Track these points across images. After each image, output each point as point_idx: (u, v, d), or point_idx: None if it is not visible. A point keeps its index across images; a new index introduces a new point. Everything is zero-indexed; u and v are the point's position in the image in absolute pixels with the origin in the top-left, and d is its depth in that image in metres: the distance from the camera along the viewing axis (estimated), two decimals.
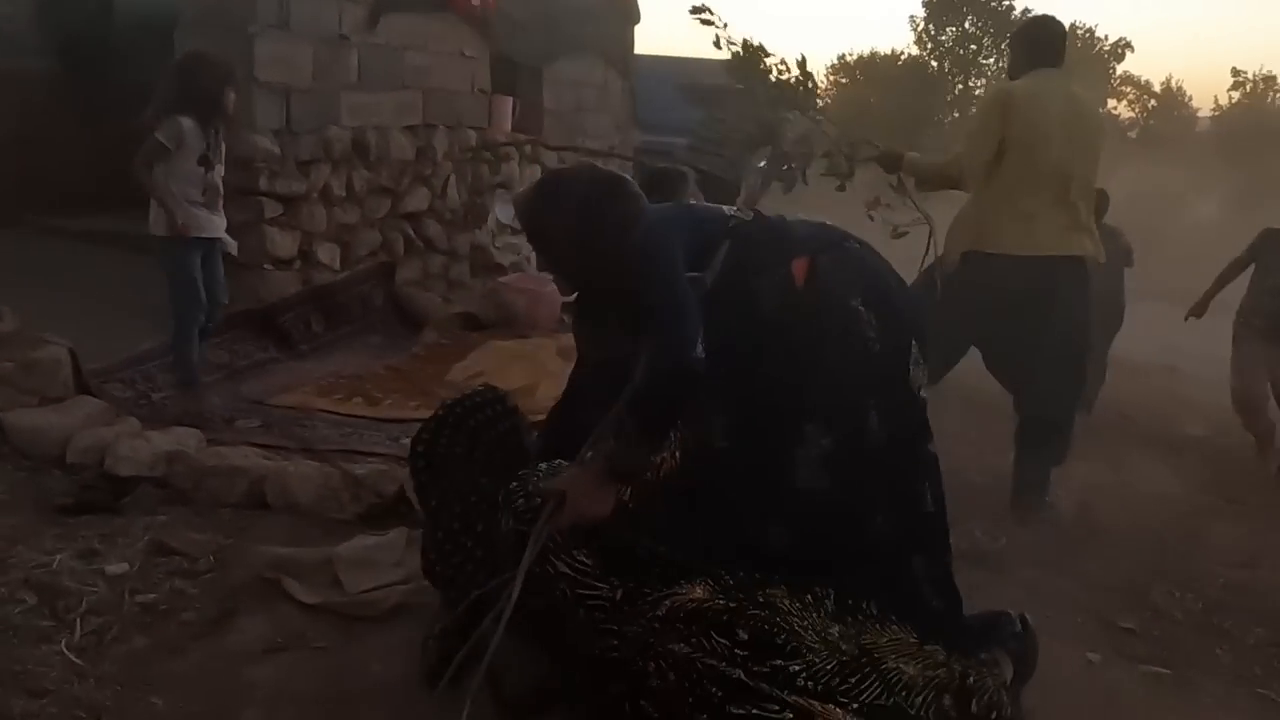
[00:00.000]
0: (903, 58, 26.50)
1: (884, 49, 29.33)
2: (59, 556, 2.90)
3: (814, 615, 2.02)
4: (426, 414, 4.34)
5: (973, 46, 23.82)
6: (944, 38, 23.92)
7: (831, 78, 27.76)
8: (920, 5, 24.14)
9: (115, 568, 2.87)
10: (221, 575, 2.88)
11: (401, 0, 5.93)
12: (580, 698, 2.18)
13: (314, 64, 5.33)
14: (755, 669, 1.91)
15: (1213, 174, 26.83)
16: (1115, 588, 3.34)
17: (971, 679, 2.02)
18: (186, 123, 3.82)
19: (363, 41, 5.69)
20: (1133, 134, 29.16)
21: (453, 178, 6.77)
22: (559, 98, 8.41)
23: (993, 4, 23.44)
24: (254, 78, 4.91)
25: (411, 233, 6.42)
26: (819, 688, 1.91)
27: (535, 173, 7.89)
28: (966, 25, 23.65)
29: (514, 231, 7.40)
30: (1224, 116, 27.82)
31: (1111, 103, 28.80)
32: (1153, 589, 3.35)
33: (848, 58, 28.13)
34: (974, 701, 2.00)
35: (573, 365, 2.71)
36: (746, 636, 1.94)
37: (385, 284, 6.13)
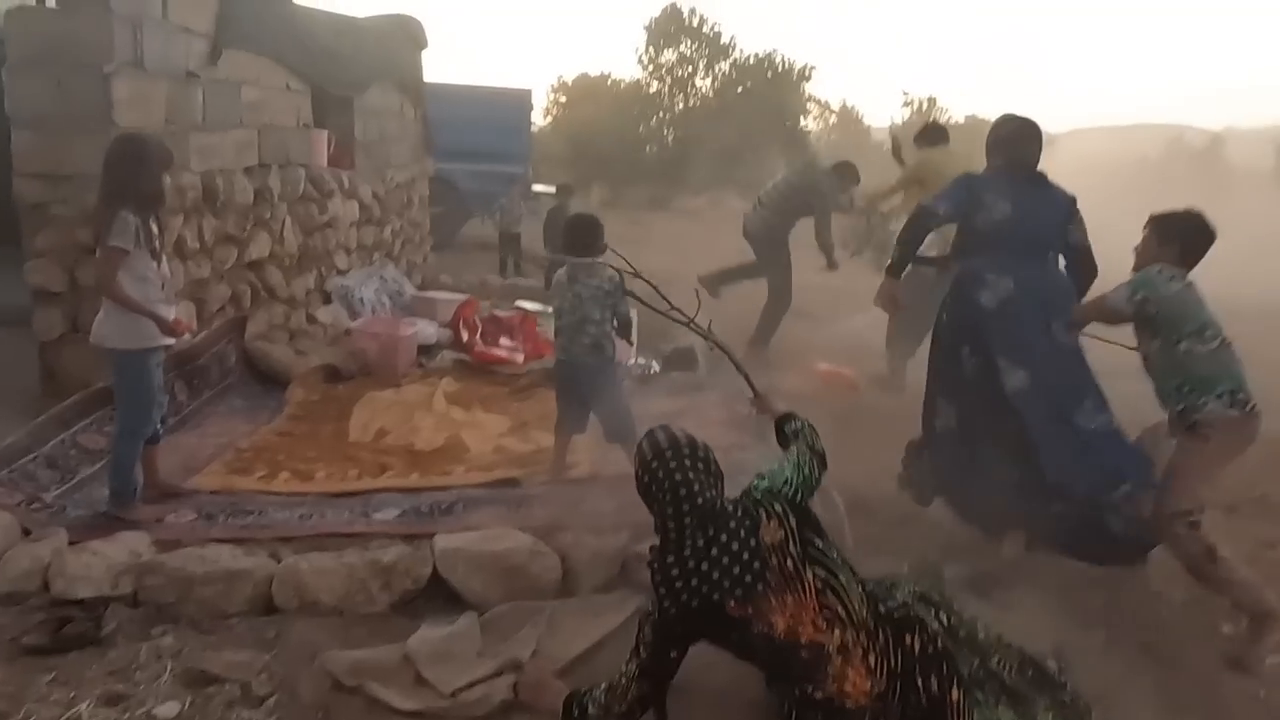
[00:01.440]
0: (611, 79, 27.68)
1: (597, 71, 30.18)
2: (81, 708, 2.48)
3: None
4: (372, 483, 4.15)
5: (689, 69, 25.27)
6: (663, 60, 25.20)
7: (552, 96, 28.37)
8: (642, 29, 25.28)
9: (164, 709, 2.49)
10: (291, 696, 2.59)
11: (240, 33, 5.44)
12: None
13: (166, 104, 4.77)
14: None
15: (889, 180, 30.44)
16: None
17: None
18: (132, 217, 3.35)
19: (207, 79, 5.16)
20: (819, 146, 32.34)
21: (289, 220, 6.29)
22: (366, 128, 8.04)
23: (704, 30, 25.03)
24: (112, 121, 4.32)
25: (257, 282, 5.89)
26: None
27: (353, 209, 7.51)
28: (683, 49, 25.04)
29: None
30: (896, 132, 31.63)
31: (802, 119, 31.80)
32: None
33: (565, 79, 28.94)
34: None
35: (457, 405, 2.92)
36: None
37: (237, 340, 5.59)
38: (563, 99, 28.32)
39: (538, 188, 13.54)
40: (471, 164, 11.88)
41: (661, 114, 25.98)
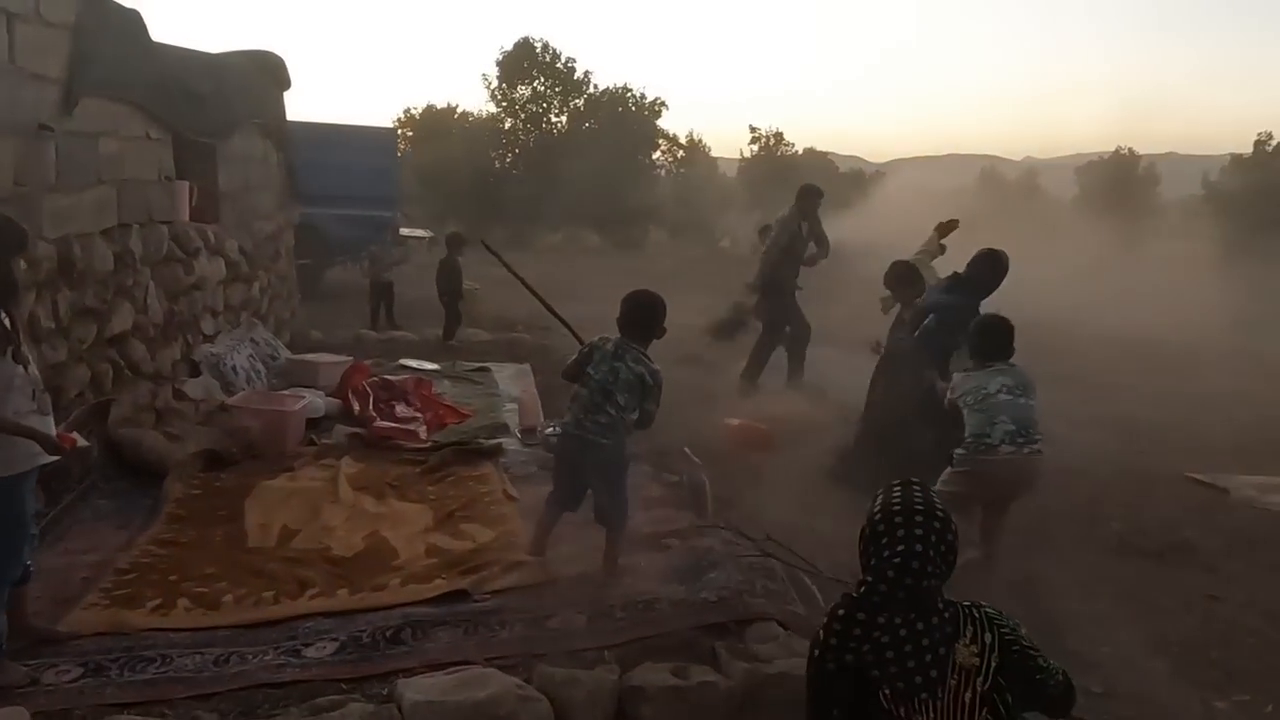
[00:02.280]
0: (459, 110, 27.11)
1: (442, 103, 29.57)
2: None
3: None
4: (294, 608, 3.54)
5: (543, 104, 25.03)
6: (516, 96, 24.85)
7: (399, 131, 27.49)
8: (494, 65, 24.86)
9: None
10: None
11: (97, 78, 4.73)
12: None
13: (15, 163, 4.05)
14: None
15: (738, 206, 31.23)
16: None
17: None
18: None
19: (61, 131, 4.44)
20: (668, 179, 32.73)
21: (152, 285, 5.55)
22: (229, 177, 7.31)
23: (558, 65, 24.89)
24: None
25: (119, 359, 5.14)
26: None
27: (220, 267, 6.78)
28: (537, 85, 24.79)
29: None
30: (746, 165, 32.40)
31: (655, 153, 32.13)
32: None
33: (414, 111, 28.10)
34: None
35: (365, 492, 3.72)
36: None
37: (99, 429, 4.83)
38: (409, 133, 27.53)
39: (406, 231, 12.88)
40: (336, 209, 11.15)
41: (517, 150, 25.62)
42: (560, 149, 24.55)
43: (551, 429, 5.92)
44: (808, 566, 3.81)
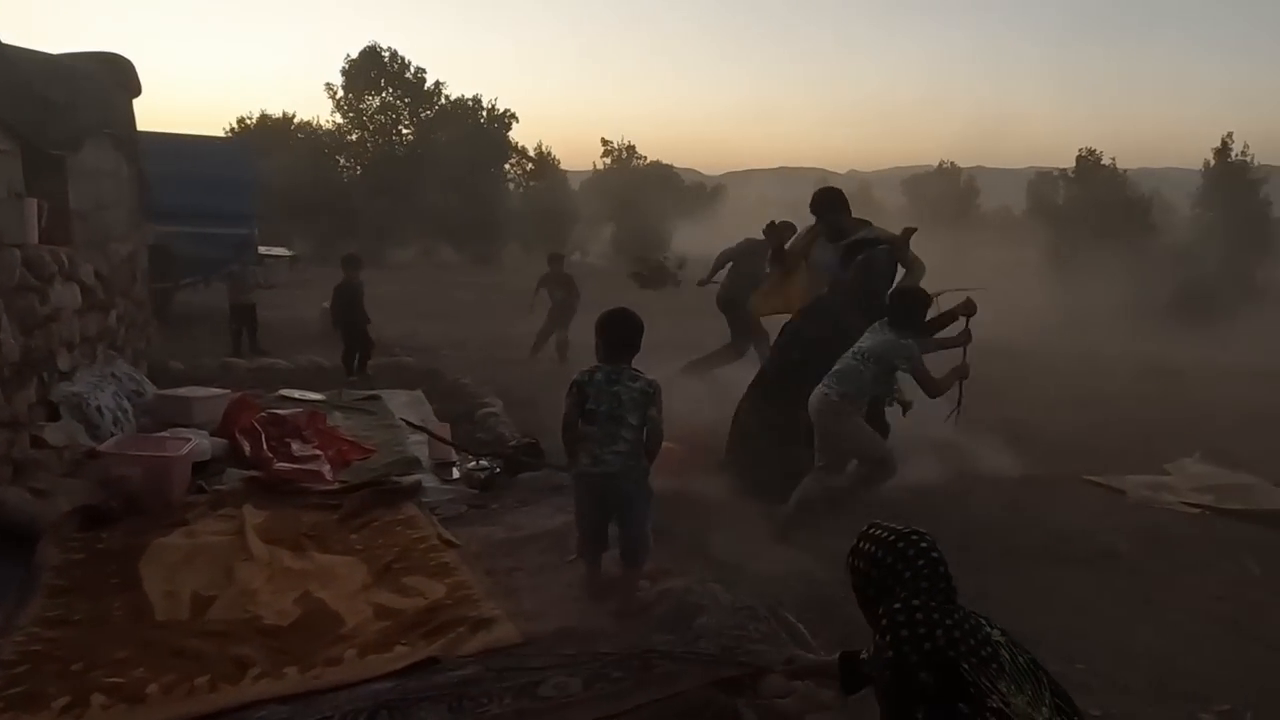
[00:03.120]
0: (297, 119, 25.82)
1: (278, 112, 28.04)
2: None
3: None
4: (237, 695, 3.03)
5: (392, 115, 24.13)
6: (364, 106, 23.82)
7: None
8: (338, 74, 23.72)
9: None
10: None
11: None
12: None
13: None
14: None
15: (602, 218, 31.26)
16: None
17: None
18: None
19: None
20: (518, 192, 32.37)
21: (4, 318, 4.82)
22: (81, 193, 6.52)
23: (407, 75, 24.05)
24: None
25: None
26: None
27: (75, 294, 6.02)
28: (386, 96, 23.86)
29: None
30: (598, 176, 32.41)
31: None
32: None
33: (249, 120, 26.51)
34: None
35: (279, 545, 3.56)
36: None
37: None
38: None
39: (264, 250, 12.00)
40: (189, 226, 10.24)
41: (365, 163, 24.58)
42: (411, 162, 23.72)
43: (477, 463, 5.53)
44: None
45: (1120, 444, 8.05)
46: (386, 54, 23.40)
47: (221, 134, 25.11)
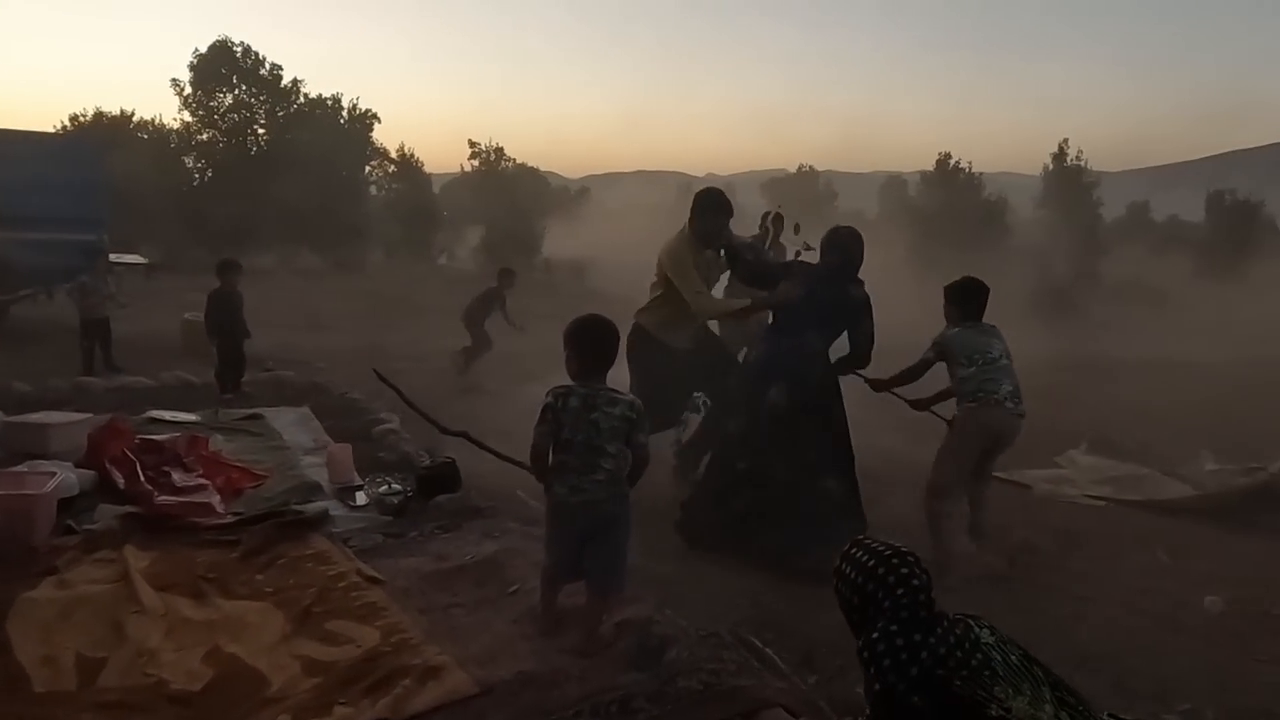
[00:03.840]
0: (136, 118, 24.16)
1: (115, 110, 25.96)
2: None
3: None
4: None
5: (246, 113, 22.81)
6: (215, 104, 22.42)
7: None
8: (186, 69, 22.20)
9: None
10: None
11: None
12: None
13: None
14: None
15: (468, 221, 30.57)
16: None
17: None
18: None
19: None
20: (380, 195, 31.30)
21: None
22: None
23: (263, 73, 22.79)
24: None
25: None
26: None
27: None
28: (239, 93, 22.54)
29: None
30: (464, 178, 31.69)
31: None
32: None
33: (82, 117, 24.52)
34: None
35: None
36: None
37: None
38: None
39: (115, 258, 11.00)
40: (27, 232, 9.25)
41: (217, 164, 23.16)
42: (267, 163, 22.50)
43: (388, 487, 5.11)
44: None
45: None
46: (239, 49, 22.08)
47: (55, 129, 23.17)
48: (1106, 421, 9.23)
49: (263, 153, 22.79)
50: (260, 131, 23.11)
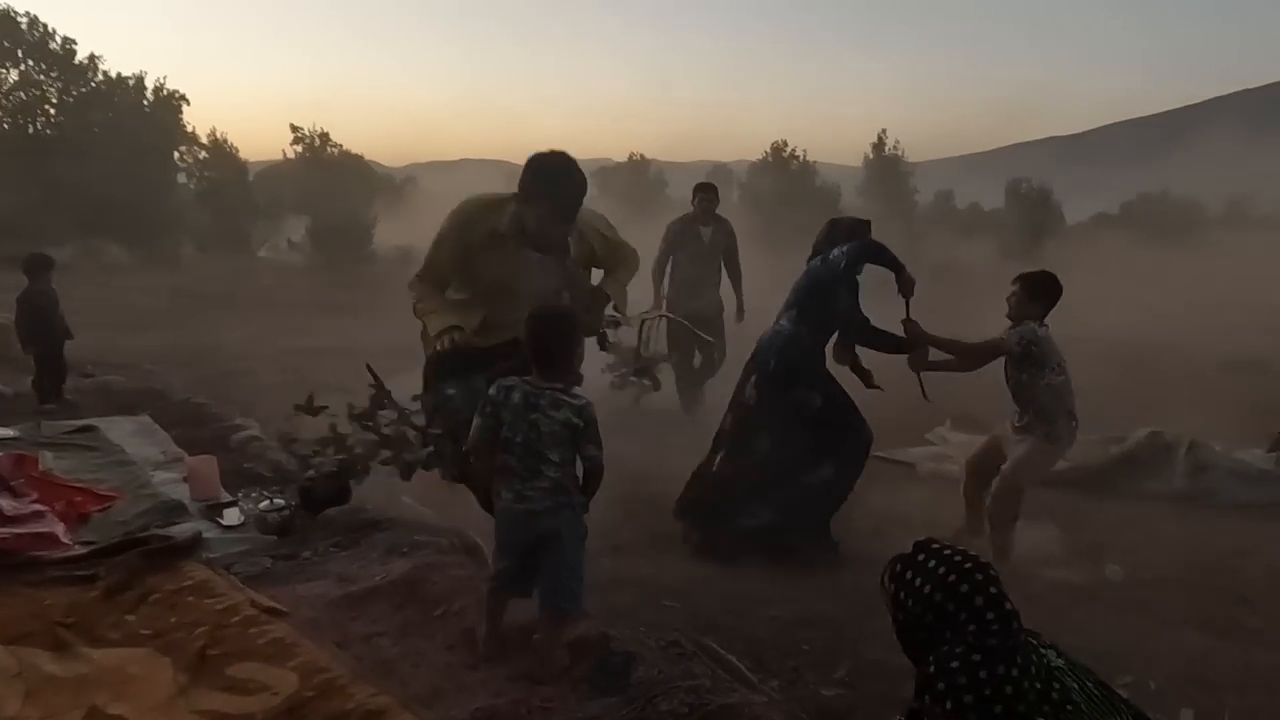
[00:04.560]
0: None
1: None
2: None
3: None
4: None
5: (35, 93, 20.53)
6: None
7: None
8: None
9: None
10: None
11: None
12: None
13: None
14: None
15: (289, 210, 28.95)
16: None
17: None
18: None
19: None
20: (191, 183, 29.16)
21: None
22: None
23: (53, 48, 20.56)
24: None
25: None
26: None
27: None
28: (26, 69, 20.24)
29: None
30: (287, 166, 29.91)
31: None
32: None
33: None
34: None
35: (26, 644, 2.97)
36: None
37: None
38: None
39: None
40: None
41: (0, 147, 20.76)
42: (61, 147, 20.36)
43: (269, 502, 4.56)
44: None
45: (877, 416, 8.35)
46: (24, 20, 19.81)
47: None
48: (963, 398, 9.52)
49: (54, 136, 20.59)
50: (51, 113, 20.88)
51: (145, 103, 22.68)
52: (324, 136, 28.88)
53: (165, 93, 23.10)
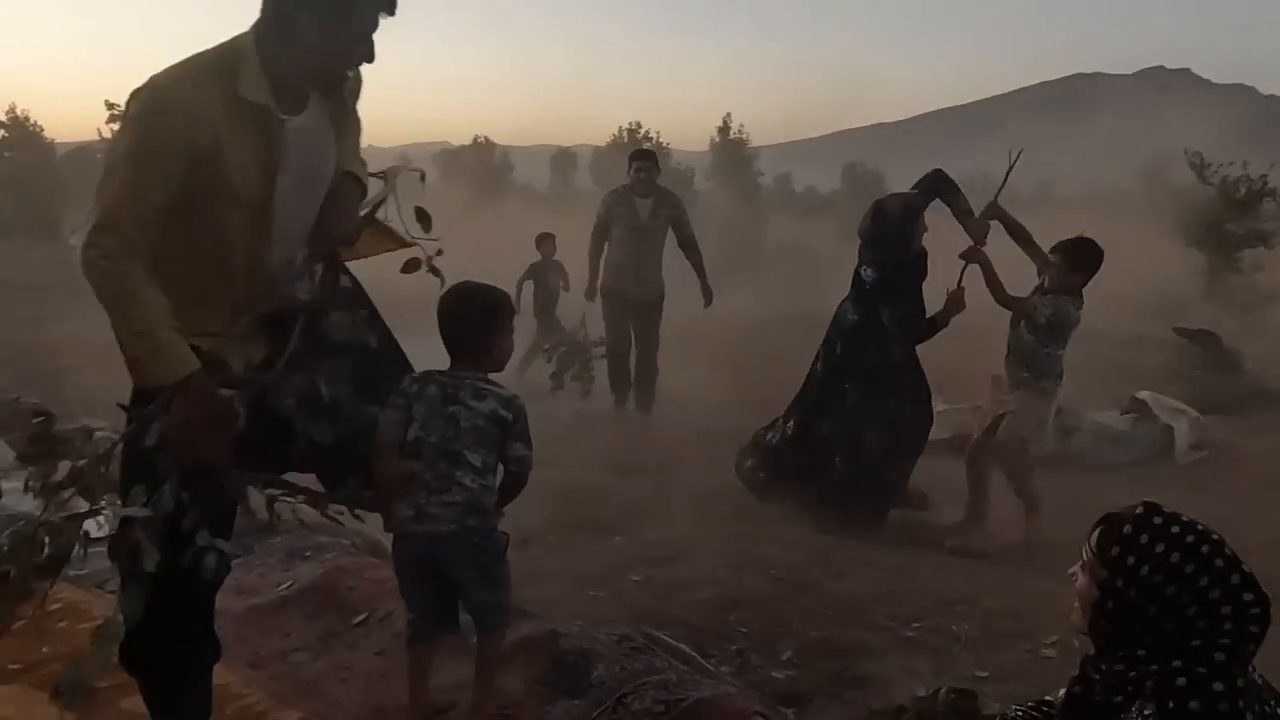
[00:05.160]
0: None
1: None
2: None
3: None
4: None
5: None
6: None
7: None
8: None
9: None
10: None
11: None
12: None
13: None
14: None
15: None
16: None
17: None
18: None
19: None
20: None
21: None
22: None
23: None
24: None
25: None
26: None
27: None
28: None
29: None
30: (103, 145, 27.60)
31: None
32: None
33: None
34: None
35: None
36: None
37: None
38: None
39: None
40: None
41: None
42: None
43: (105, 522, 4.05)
44: None
45: (750, 395, 8.43)
46: None
47: None
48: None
49: None
50: None
51: None
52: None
53: None
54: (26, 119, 27.73)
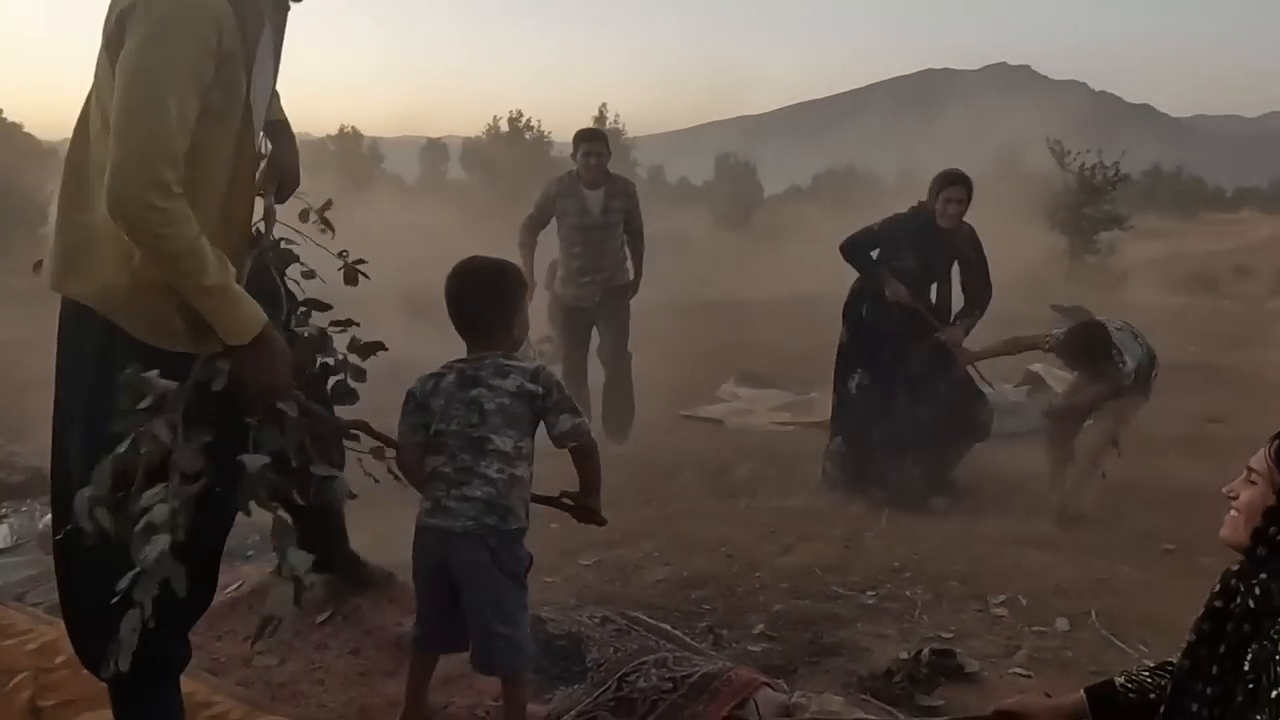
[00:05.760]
0: None
1: None
2: None
3: None
4: None
5: None
6: None
7: None
8: None
9: None
10: None
11: None
12: None
13: None
14: None
15: None
16: None
17: None
18: None
19: None
20: None
21: None
22: None
23: None
24: None
25: None
26: None
27: None
28: None
29: None
30: None
31: None
32: None
33: None
34: None
35: None
36: None
37: None
38: None
39: None
40: None
41: None
42: None
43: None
44: None
45: (674, 378, 8.46)
46: None
47: None
48: (732, 356, 9.82)
49: None
50: None
51: None
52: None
53: None
54: None
